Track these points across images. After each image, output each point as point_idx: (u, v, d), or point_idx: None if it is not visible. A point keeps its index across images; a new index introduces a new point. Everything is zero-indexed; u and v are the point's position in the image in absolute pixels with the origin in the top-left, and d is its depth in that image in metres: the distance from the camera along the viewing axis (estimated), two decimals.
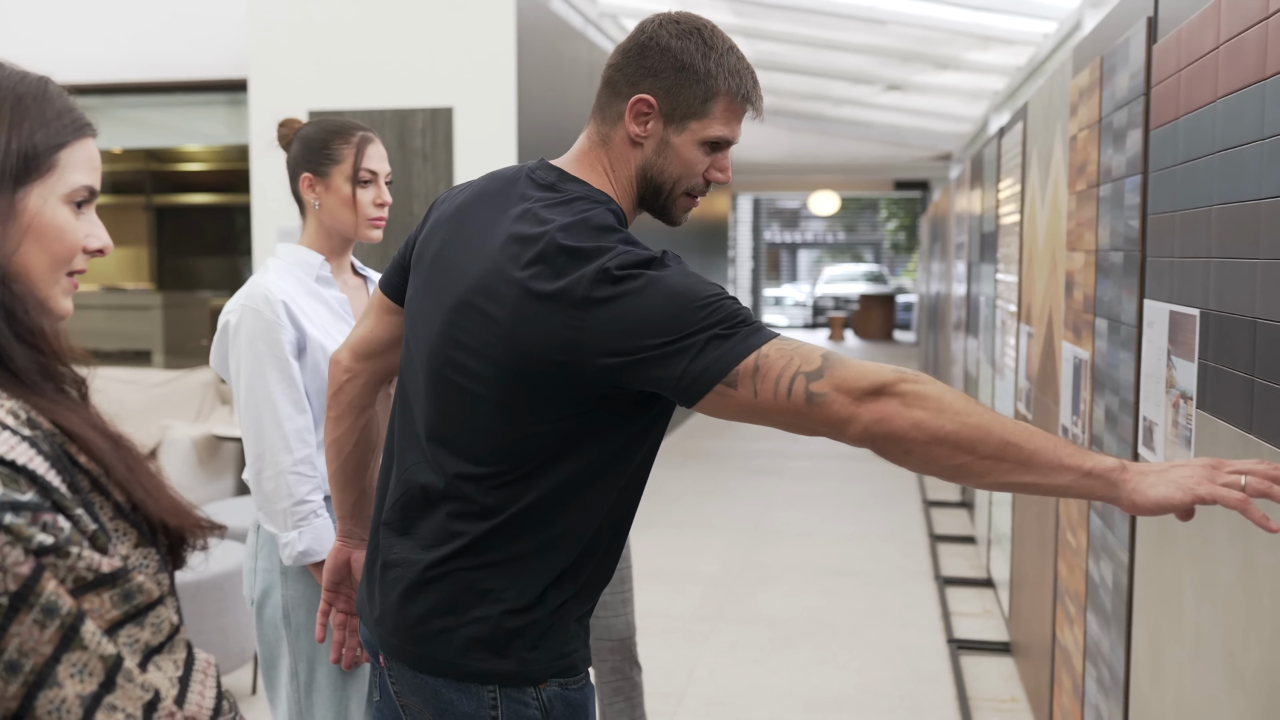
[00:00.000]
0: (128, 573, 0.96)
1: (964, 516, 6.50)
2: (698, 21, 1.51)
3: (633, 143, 1.51)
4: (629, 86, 1.49)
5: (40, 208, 1.03)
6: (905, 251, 28.64)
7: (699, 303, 1.35)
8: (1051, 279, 3.43)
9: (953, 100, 10.39)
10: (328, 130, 2.26)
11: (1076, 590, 2.94)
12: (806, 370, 1.31)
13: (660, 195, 1.54)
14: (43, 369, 1.00)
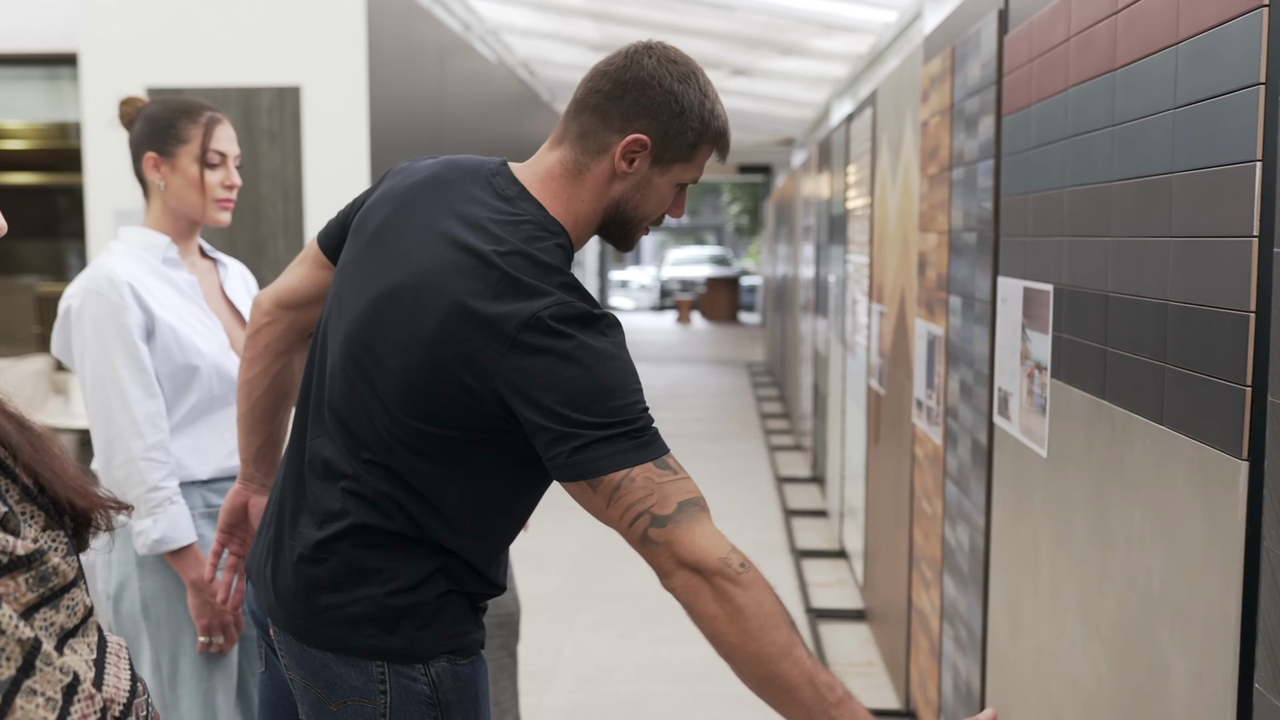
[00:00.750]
0: (43, 555, 0.95)
1: (815, 491, 6.71)
2: (693, 64, 1.52)
3: (614, 177, 1.50)
4: (623, 121, 1.47)
5: None
6: (748, 235, 29.20)
7: (611, 398, 1.37)
8: (903, 259, 3.58)
9: (796, 86, 10.65)
10: (174, 109, 2.20)
11: (933, 555, 3.09)
12: (656, 513, 1.36)
13: (626, 226, 1.54)
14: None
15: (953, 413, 2.83)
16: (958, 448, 2.77)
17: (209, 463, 2.17)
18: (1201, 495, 1.42)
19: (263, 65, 5.82)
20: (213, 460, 2.18)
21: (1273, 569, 1.25)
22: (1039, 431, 2.09)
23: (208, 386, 2.14)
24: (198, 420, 2.17)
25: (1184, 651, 1.48)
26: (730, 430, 9.02)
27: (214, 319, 2.22)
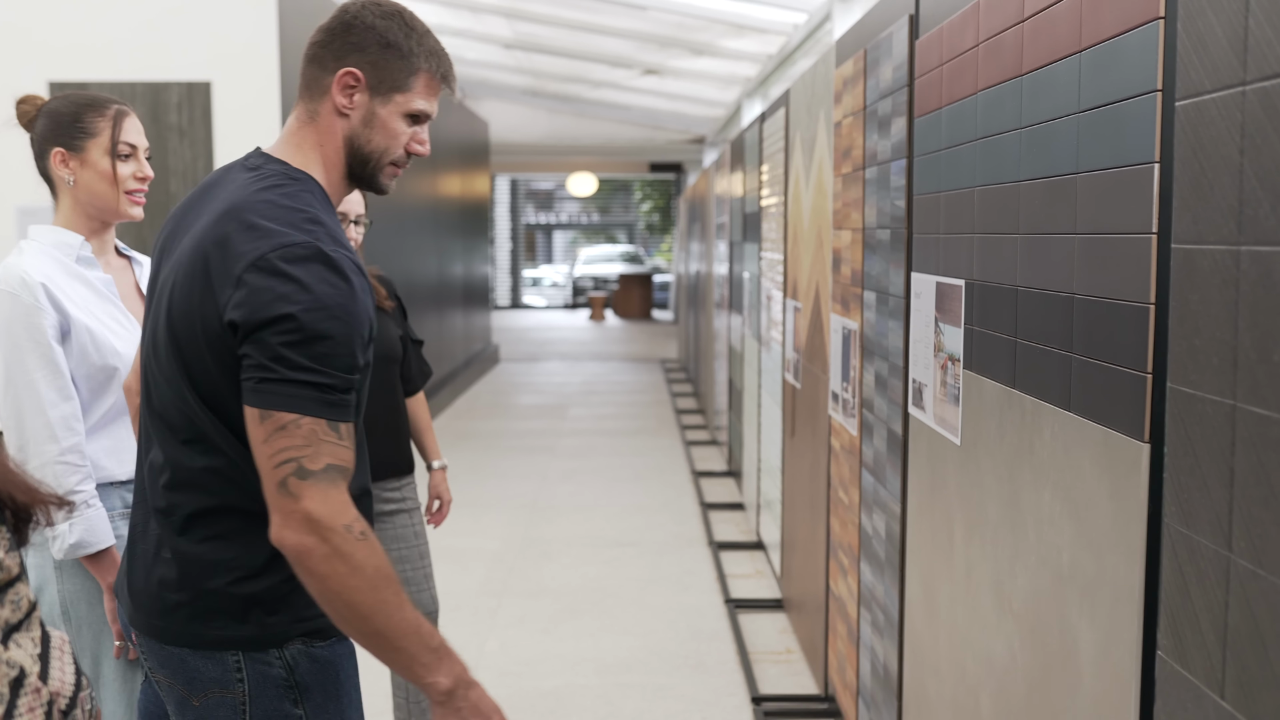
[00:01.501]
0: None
1: (732, 485, 6.81)
2: (398, 5, 1.62)
3: (339, 114, 1.59)
4: (335, 61, 1.57)
5: None
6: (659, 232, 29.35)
7: (317, 345, 1.43)
8: (818, 256, 3.67)
9: (707, 85, 10.76)
10: (78, 104, 2.18)
11: (850, 543, 3.19)
12: (305, 465, 1.42)
13: (367, 165, 1.62)
14: None
15: (868, 405, 2.93)
16: (873, 438, 2.87)
17: (127, 463, 2.16)
18: (1107, 477, 1.51)
19: (172, 60, 5.73)
20: (131, 461, 2.16)
21: (1173, 544, 1.34)
22: (952, 421, 2.18)
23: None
24: (115, 421, 2.16)
25: (1091, 624, 1.57)
26: (646, 426, 9.10)
27: (130, 318, 2.20)
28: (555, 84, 12.49)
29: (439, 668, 1.47)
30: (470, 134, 12.27)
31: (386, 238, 7.44)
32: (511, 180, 23.51)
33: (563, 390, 11.34)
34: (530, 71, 11.87)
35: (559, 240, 37.09)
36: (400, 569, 2.88)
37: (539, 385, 11.77)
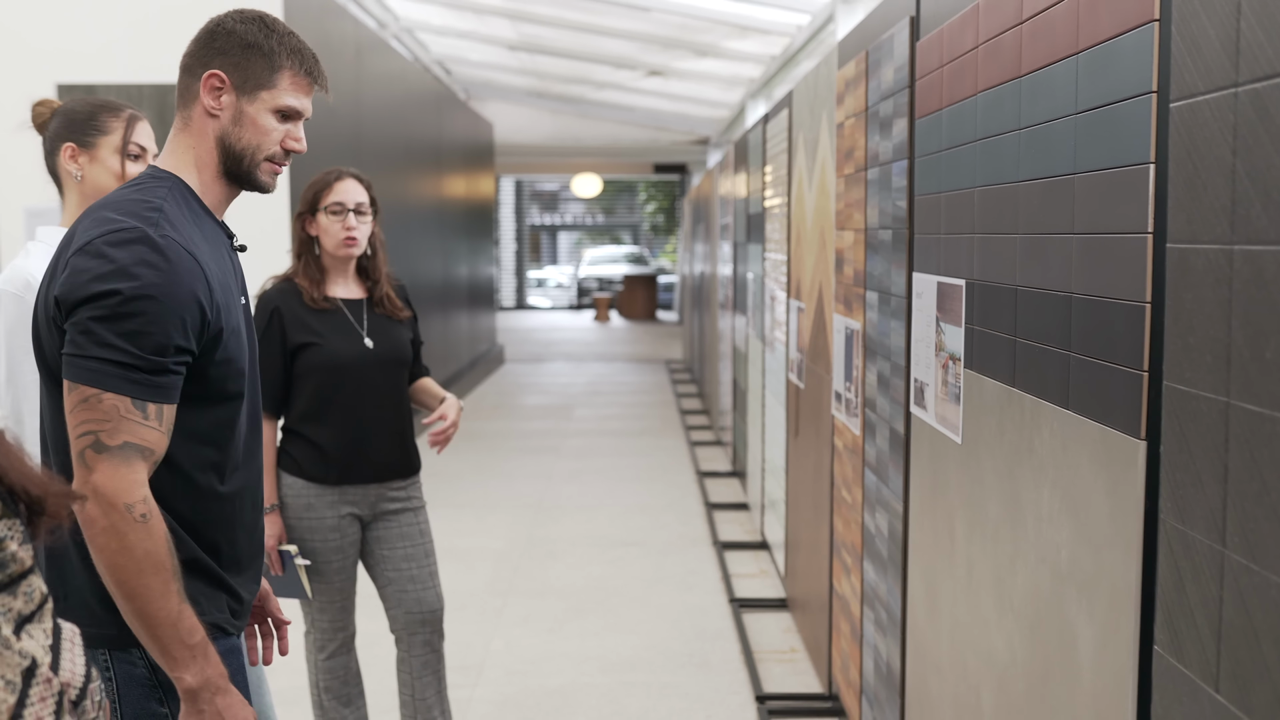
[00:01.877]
0: (2, 542, 0.97)
1: (736, 485, 6.83)
2: (259, 11, 1.72)
3: (209, 115, 1.66)
4: (201, 67, 1.66)
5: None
6: (664, 233, 29.37)
7: (127, 324, 1.49)
8: (821, 256, 3.69)
9: (711, 86, 10.78)
10: (94, 105, 2.20)
11: (853, 542, 3.20)
12: (102, 440, 1.48)
13: (242, 162, 1.68)
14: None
15: (871, 404, 2.94)
16: (876, 437, 2.88)
17: None
18: (1104, 474, 1.53)
19: (177, 61, 5.75)
20: None
21: (1169, 540, 1.36)
22: (953, 419, 2.20)
23: None
24: None
25: (1090, 620, 1.58)
26: (651, 427, 9.12)
27: None
28: (559, 85, 12.52)
29: (190, 665, 1.51)
30: (475, 135, 12.29)
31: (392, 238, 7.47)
32: (516, 181, 23.55)
33: (568, 391, 11.36)
34: (534, 73, 11.90)
35: (564, 241, 37.13)
36: (405, 567, 2.91)
37: (544, 386, 11.80)
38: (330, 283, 2.85)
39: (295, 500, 2.80)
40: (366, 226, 2.84)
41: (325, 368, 2.78)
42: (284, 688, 3.74)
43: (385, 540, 2.90)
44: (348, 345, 2.80)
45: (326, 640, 2.91)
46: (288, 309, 2.78)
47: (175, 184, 1.64)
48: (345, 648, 2.94)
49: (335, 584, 2.86)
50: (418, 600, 2.91)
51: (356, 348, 2.81)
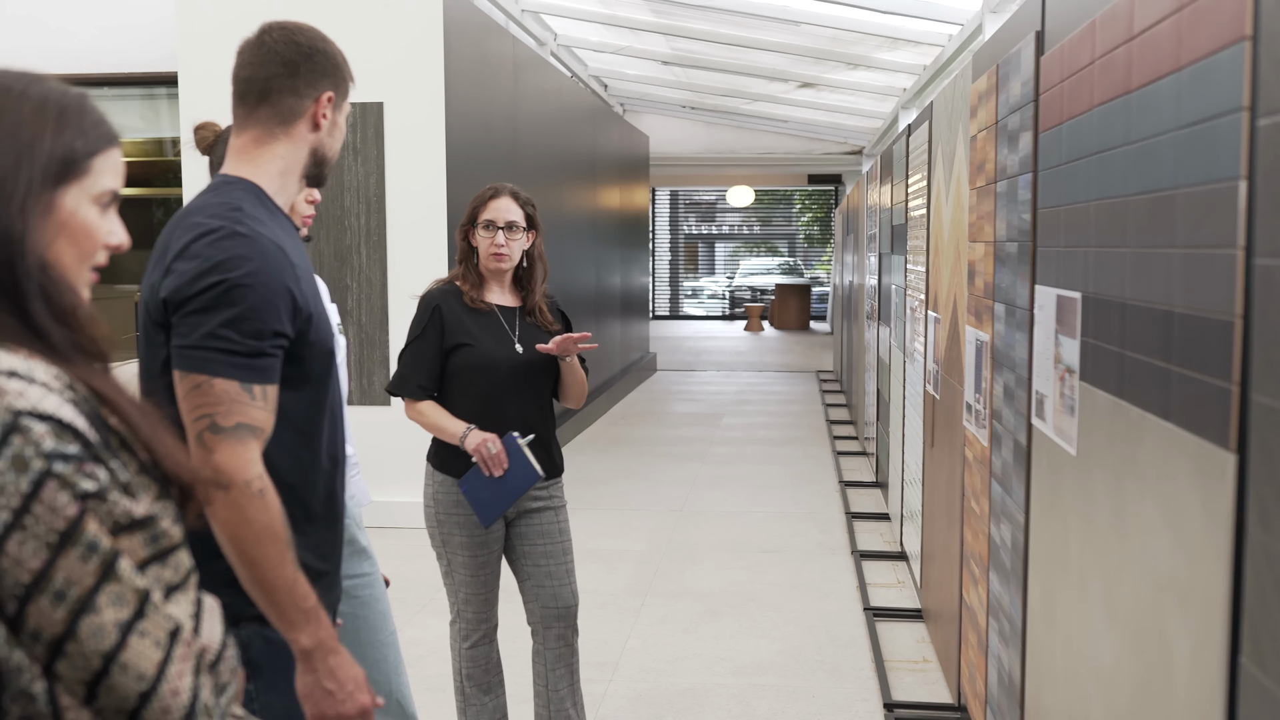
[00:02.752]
0: (155, 519, 1.13)
1: (878, 495, 6.81)
2: (312, 27, 1.88)
3: (313, 129, 1.82)
4: (310, 88, 1.81)
5: (75, 207, 1.18)
6: (819, 244, 29.18)
7: (227, 311, 1.63)
8: (956, 268, 3.70)
9: (863, 97, 10.73)
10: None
11: (980, 553, 3.21)
12: (218, 422, 1.61)
13: (326, 166, 1.87)
14: (74, 343, 1.15)
15: (998, 415, 2.95)
16: (1002, 449, 2.89)
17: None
18: (1199, 486, 1.55)
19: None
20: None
21: (1255, 552, 1.38)
22: (1069, 431, 2.22)
23: None
24: None
25: (1185, 631, 1.60)
26: (797, 436, 9.14)
27: None
28: (713, 98, 12.64)
29: (304, 627, 1.64)
30: (630, 148, 12.53)
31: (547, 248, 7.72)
32: (672, 192, 23.79)
33: (717, 399, 11.46)
34: (689, 86, 12.06)
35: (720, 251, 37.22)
36: (544, 563, 3.05)
37: (694, 394, 11.92)
38: (487, 290, 3.02)
39: (446, 496, 2.97)
40: (517, 243, 2.99)
41: (477, 368, 2.94)
42: (430, 675, 3.95)
43: (527, 537, 3.05)
44: (499, 349, 2.96)
45: (471, 630, 3.07)
46: (448, 308, 2.96)
47: (247, 186, 1.78)
48: (488, 638, 3.09)
49: (481, 577, 3.01)
50: (554, 595, 3.05)
51: (507, 352, 2.97)
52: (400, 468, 5.44)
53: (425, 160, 6.07)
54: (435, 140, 6.09)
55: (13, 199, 1.12)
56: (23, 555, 1.03)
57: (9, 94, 1.16)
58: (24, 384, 1.06)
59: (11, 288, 1.11)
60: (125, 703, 1.07)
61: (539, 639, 3.09)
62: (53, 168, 1.16)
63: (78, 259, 1.19)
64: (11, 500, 1.03)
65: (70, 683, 1.06)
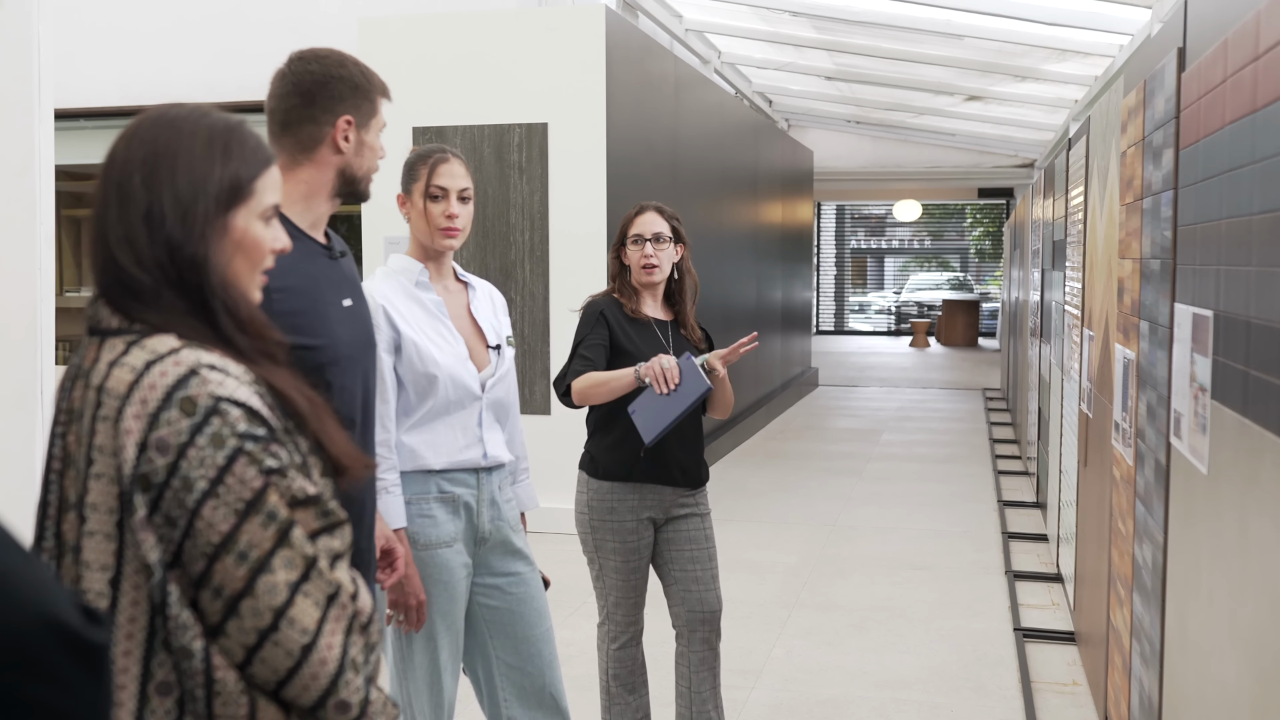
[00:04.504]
0: (325, 499, 1.30)
1: (1038, 516, 6.67)
2: (333, 50, 1.98)
3: (336, 152, 1.93)
4: (326, 115, 1.91)
5: (246, 226, 1.37)
6: (991, 259, 28.47)
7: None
8: (1108, 285, 3.65)
9: (1033, 110, 10.51)
10: (415, 155, 2.63)
11: (1125, 574, 3.17)
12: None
13: (360, 184, 1.98)
14: (255, 347, 1.35)
15: (1141, 434, 2.92)
16: (1145, 468, 2.86)
17: (442, 455, 2.54)
18: None
19: (514, 104, 6.37)
20: (445, 453, 2.54)
21: None
22: (1201, 450, 2.20)
23: (444, 392, 2.52)
24: (435, 419, 2.55)
25: None
26: (958, 454, 9.00)
27: (456, 335, 2.59)
28: (878, 112, 12.57)
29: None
30: (794, 163, 12.57)
31: (706, 263, 7.85)
32: (838, 207, 23.63)
33: (878, 415, 11.37)
34: (853, 101, 12.03)
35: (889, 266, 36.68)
36: (690, 569, 3.15)
37: (854, 409, 11.85)
38: (642, 304, 3.16)
39: (600, 503, 3.09)
40: (665, 254, 3.11)
41: None
42: (579, 674, 4.11)
43: (674, 543, 3.16)
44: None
45: (619, 633, 3.19)
46: (612, 315, 3.08)
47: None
48: (634, 641, 3.21)
49: (631, 582, 3.13)
50: (699, 600, 3.16)
51: None
52: (557, 475, 5.65)
53: (587, 178, 6.28)
54: (597, 159, 6.30)
55: (194, 228, 1.32)
56: (215, 519, 1.22)
57: (181, 132, 1.34)
58: (222, 375, 1.26)
59: (202, 305, 1.31)
60: (286, 659, 1.23)
61: (683, 642, 3.20)
62: (224, 196, 1.34)
63: (250, 269, 1.39)
64: (209, 471, 1.22)
65: (232, 644, 1.23)
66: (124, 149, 1.33)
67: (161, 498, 1.22)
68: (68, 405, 1.30)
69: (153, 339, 1.28)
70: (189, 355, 1.26)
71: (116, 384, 1.25)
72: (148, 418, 1.22)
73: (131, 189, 1.31)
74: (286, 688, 1.23)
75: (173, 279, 1.30)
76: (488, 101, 6.40)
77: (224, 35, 7.38)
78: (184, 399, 1.23)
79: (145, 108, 1.40)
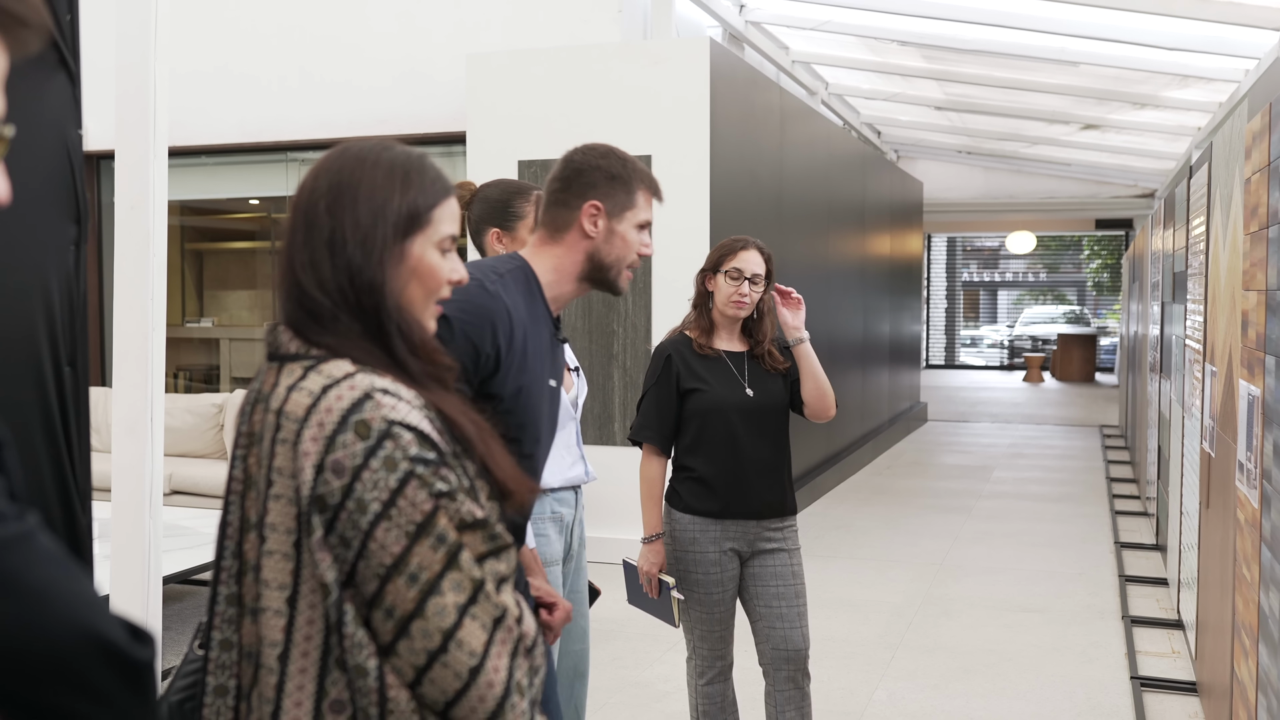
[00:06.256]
0: (491, 521, 1.32)
1: (1157, 559, 6.40)
2: (606, 145, 2.05)
3: (585, 236, 1.99)
4: (578, 199, 1.98)
5: (422, 254, 1.40)
6: (1110, 291, 27.66)
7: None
8: (1231, 319, 3.49)
9: (1153, 138, 10.19)
10: (509, 191, 2.67)
11: (1250, 623, 3.00)
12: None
13: (609, 271, 2.01)
14: (425, 372, 1.37)
15: (1268, 475, 2.77)
16: (1271, 511, 2.71)
17: (555, 475, 2.60)
18: None
19: (618, 136, 6.39)
20: (558, 473, 2.62)
21: None
22: None
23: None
24: None
25: None
26: (1072, 493, 8.71)
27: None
28: (990, 142, 12.33)
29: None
30: (903, 194, 12.40)
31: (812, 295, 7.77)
32: (949, 239, 23.25)
33: (989, 452, 11.08)
34: (963, 131, 11.83)
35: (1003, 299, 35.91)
36: (776, 605, 3.09)
37: (964, 445, 11.58)
38: (717, 336, 3.14)
39: (682, 534, 3.08)
40: (758, 294, 3.11)
41: (710, 410, 3.05)
42: (671, 711, 4.05)
43: (760, 577, 3.11)
44: (730, 392, 3.06)
45: (706, 667, 3.15)
46: (678, 356, 3.10)
47: (525, 267, 2.00)
48: (723, 675, 3.16)
49: (715, 614, 3.09)
50: (784, 638, 3.09)
51: (738, 395, 3.06)
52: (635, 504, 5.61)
53: (690, 210, 6.27)
54: (700, 191, 6.29)
55: (373, 253, 1.36)
56: (387, 541, 1.24)
57: (364, 164, 1.39)
58: (394, 400, 1.29)
59: (378, 329, 1.35)
60: (455, 680, 1.24)
61: (769, 680, 3.13)
62: (401, 223, 1.38)
63: (424, 297, 1.41)
64: (382, 494, 1.24)
65: (403, 663, 1.24)
66: (311, 180, 1.39)
67: (337, 519, 1.24)
68: (248, 429, 1.34)
69: (329, 364, 1.31)
70: (363, 380, 1.29)
71: (295, 408, 1.28)
72: (324, 440, 1.25)
73: (317, 216, 1.36)
74: (454, 709, 1.24)
75: (351, 302, 1.34)
76: (592, 134, 6.39)
77: (339, 71, 7.59)
78: (359, 422, 1.25)
79: (264, 144, 1.46)
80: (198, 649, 1.44)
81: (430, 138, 7.40)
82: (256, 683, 1.29)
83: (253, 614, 1.29)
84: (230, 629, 1.32)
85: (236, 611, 1.32)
